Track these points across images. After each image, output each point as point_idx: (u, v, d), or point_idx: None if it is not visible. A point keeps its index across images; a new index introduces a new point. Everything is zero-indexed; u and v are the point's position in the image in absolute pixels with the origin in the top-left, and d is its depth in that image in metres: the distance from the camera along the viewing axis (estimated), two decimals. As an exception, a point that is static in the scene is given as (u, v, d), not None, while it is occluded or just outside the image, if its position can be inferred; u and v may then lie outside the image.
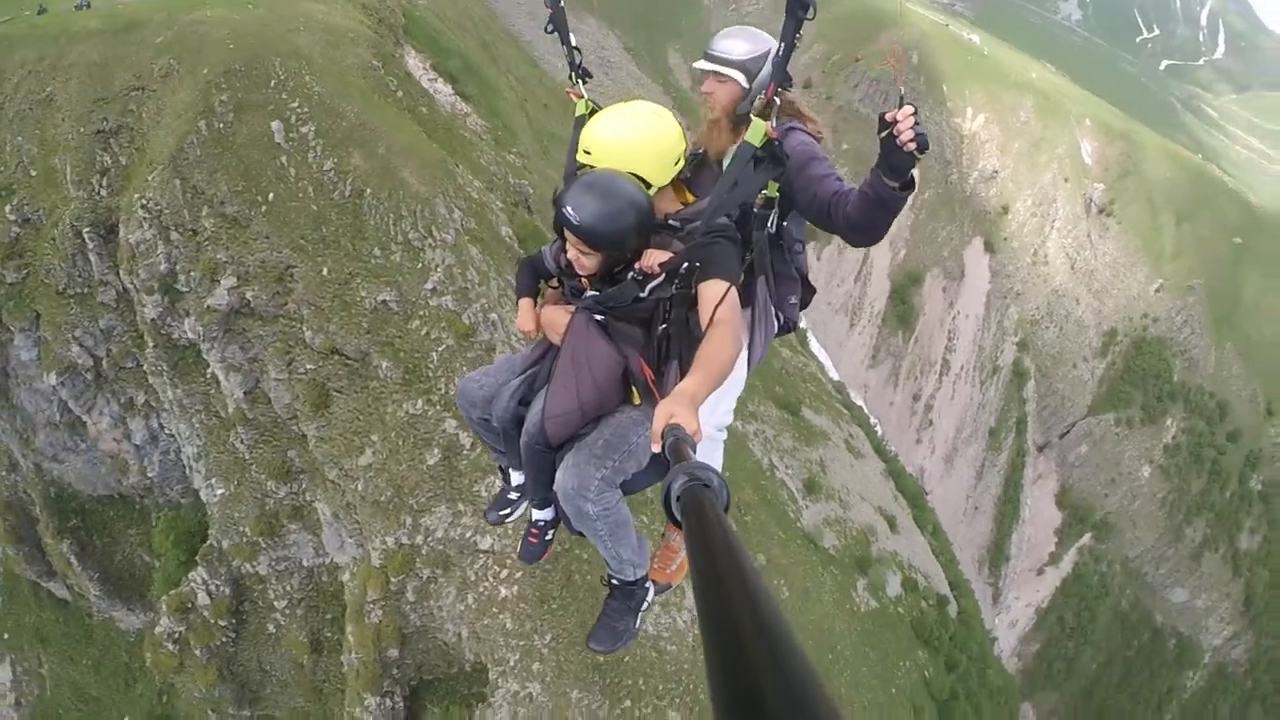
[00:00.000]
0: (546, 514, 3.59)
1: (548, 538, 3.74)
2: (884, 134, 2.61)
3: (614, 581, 3.42)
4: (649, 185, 2.90)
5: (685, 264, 2.79)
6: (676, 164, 2.98)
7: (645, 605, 3.56)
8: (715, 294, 2.69)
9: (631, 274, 2.84)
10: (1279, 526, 48.19)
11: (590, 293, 2.95)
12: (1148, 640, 47.81)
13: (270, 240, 12.36)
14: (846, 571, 23.52)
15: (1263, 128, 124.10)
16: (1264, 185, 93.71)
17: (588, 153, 2.87)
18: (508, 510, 3.84)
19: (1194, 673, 47.83)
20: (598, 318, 2.99)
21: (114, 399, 16.00)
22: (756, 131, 2.81)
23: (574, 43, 3.36)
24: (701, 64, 3.09)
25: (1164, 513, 48.08)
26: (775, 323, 3.30)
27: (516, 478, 3.72)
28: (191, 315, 13.38)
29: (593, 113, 3.24)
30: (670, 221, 2.95)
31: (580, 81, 3.40)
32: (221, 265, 12.68)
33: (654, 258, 2.82)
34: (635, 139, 2.87)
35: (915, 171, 2.69)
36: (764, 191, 2.97)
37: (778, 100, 2.86)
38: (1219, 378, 49.18)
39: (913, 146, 2.56)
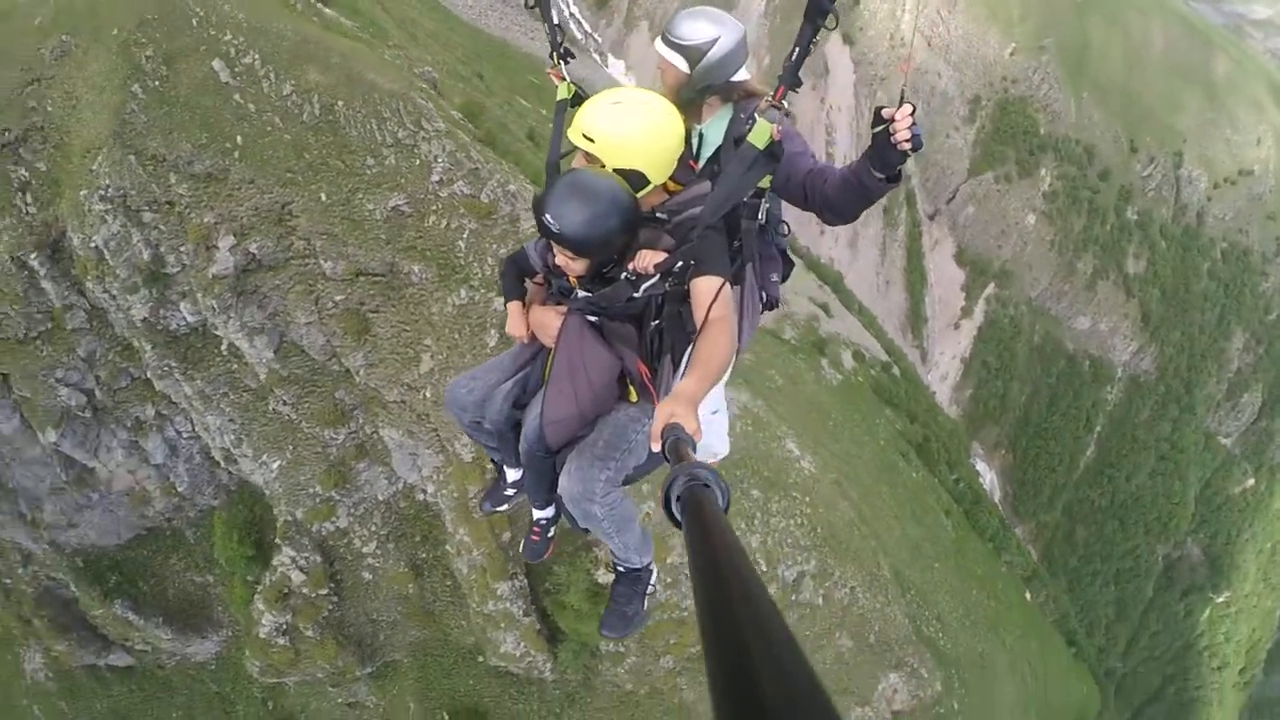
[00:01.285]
0: (548, 513, 3.61)
1: (550, 534, 3.81)
2: (879, 129, 2.61)
3: (620, 569, 3.51)
4: (647, 182, 2.80)
5: (679, 263, 2.72)
6: (676, 162, 2.92)
7: (651, 589, 3.57)
8: (709, 289, 2.64)
9: (624, 274, 2.74)
10: (1158, 249, 54.79)
11: (581, 294, 2.88)
12: (1064, 366, 54.31)
13: (256, 184, 12.09)
14: (811, 355, 26.77)
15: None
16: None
17: (591, 140, 2.72)
18: (505, 506, 3.89)
19: (1111, 387, 54.86)
20: (591, 319, 2.93)
21: (120, 426, 15.16)
22: (761, 134, 2.72)
23: (556, 21, 3.20)
24: (656, 42, 3.04)
25: (1054, 253, 53.37)
26: (760, 303, 3.27)
27: (513, 474, 3.67)
28: (195, 292, 12.98)
29: (575, 95, 3.17)
30: (658, 214, 2.85)
31: (563, 63, 3.23)
32: (213, 227, 12.31)
33: (648, 259, 2.73)
34: (646, 135, 2.75)
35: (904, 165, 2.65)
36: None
37: (786, 104, 2.80)
38: (1081, 125, 53.54)
39: (908, 146, 2.56)
